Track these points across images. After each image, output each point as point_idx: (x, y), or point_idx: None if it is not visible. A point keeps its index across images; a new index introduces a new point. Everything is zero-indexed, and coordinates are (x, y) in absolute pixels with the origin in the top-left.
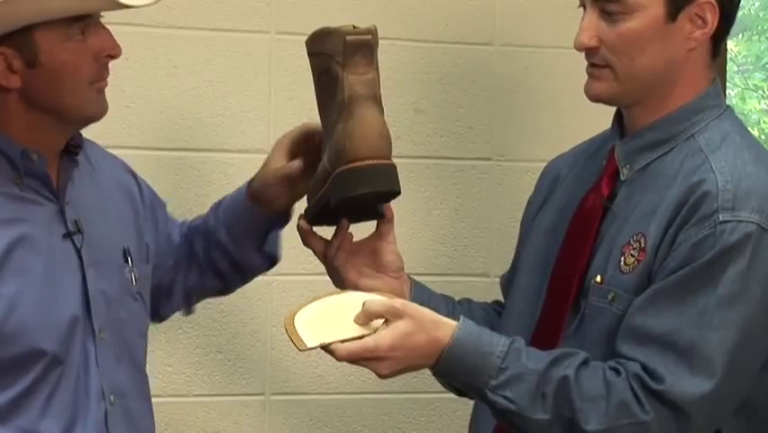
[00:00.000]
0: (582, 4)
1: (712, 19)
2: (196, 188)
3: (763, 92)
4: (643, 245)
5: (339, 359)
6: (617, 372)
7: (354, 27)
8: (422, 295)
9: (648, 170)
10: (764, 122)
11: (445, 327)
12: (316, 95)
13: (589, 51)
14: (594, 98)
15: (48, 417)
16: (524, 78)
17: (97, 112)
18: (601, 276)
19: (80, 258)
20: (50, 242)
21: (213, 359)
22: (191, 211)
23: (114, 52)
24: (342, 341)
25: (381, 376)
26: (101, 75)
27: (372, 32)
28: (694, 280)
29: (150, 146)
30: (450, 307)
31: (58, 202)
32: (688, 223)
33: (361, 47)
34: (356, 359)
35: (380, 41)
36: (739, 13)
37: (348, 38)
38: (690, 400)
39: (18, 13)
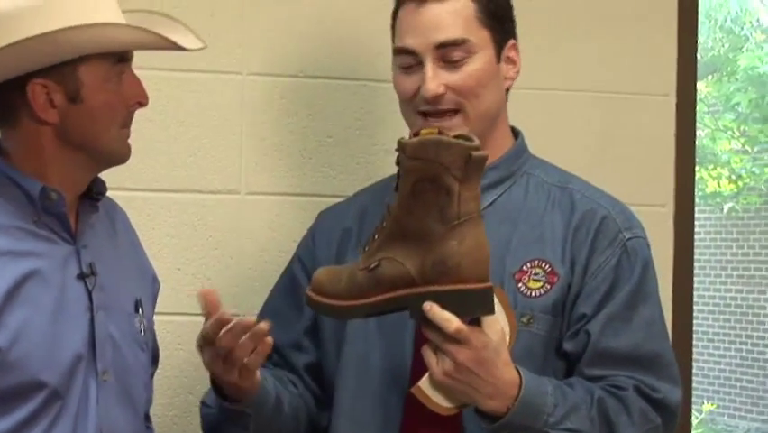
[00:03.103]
0: (412, 64)
1: (517, 59)
2: (168, 228)
3: (733, 132)
4: (549, 270)
5: (450, 329)
6: (619, 387)
7: (463, 137)
8: None
9: (496, 206)
10: (734, 162)
11: (513, 373)
12: (405, 197)
13: (436, 99)
14: None
15: None
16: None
17: (124, 155)
18: None
19: (90, 300)
20: (62, 280)
21: (184, 400)
22: (162, 252)
23: (143, 100)
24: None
25: (448, 369)
26: (129, 121)
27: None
28: (633, 296)
29: (120, 186)
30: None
31: (74, 244)
32: (598, 247)
33: (480, 164)
34: (464, 336)
35: (352, 83)
36: (708, 55)
37: (474, 154)
38: (675, 404)
39: (71, 44)
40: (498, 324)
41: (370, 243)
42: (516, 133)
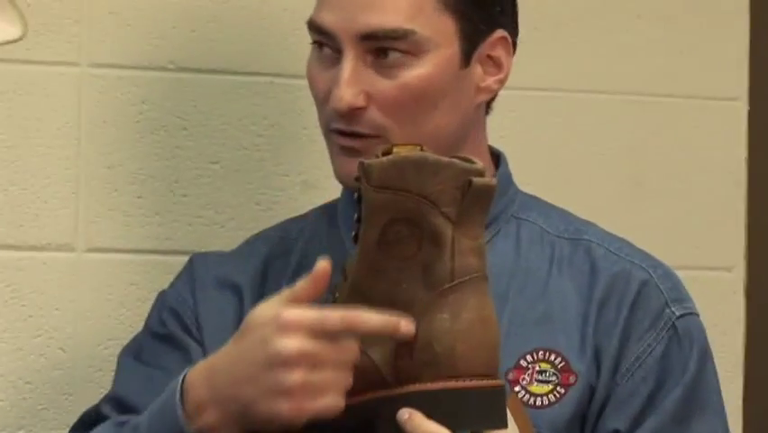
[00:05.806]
0: (328, 50)
1: (506, 61)
2: None
3: None
4: (561, 365)
5: None
6: None
7: (459, 157)
8: None
9: None
10: None
11: None
12: (370, 250)
13: (352, 115)
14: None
15: None
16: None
17: None
18: None
19: None
20: None
21: None
22: None
23: None
24: None
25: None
26: None
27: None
28: (687, 403)
29: None
30: None
31: None
32: (636, 329)
33: (486, 196)
34: None
35: (249, 79)
36: None
37: (476, 181)
38: None
39: None
40: None
41: None
42: (496, 157)
